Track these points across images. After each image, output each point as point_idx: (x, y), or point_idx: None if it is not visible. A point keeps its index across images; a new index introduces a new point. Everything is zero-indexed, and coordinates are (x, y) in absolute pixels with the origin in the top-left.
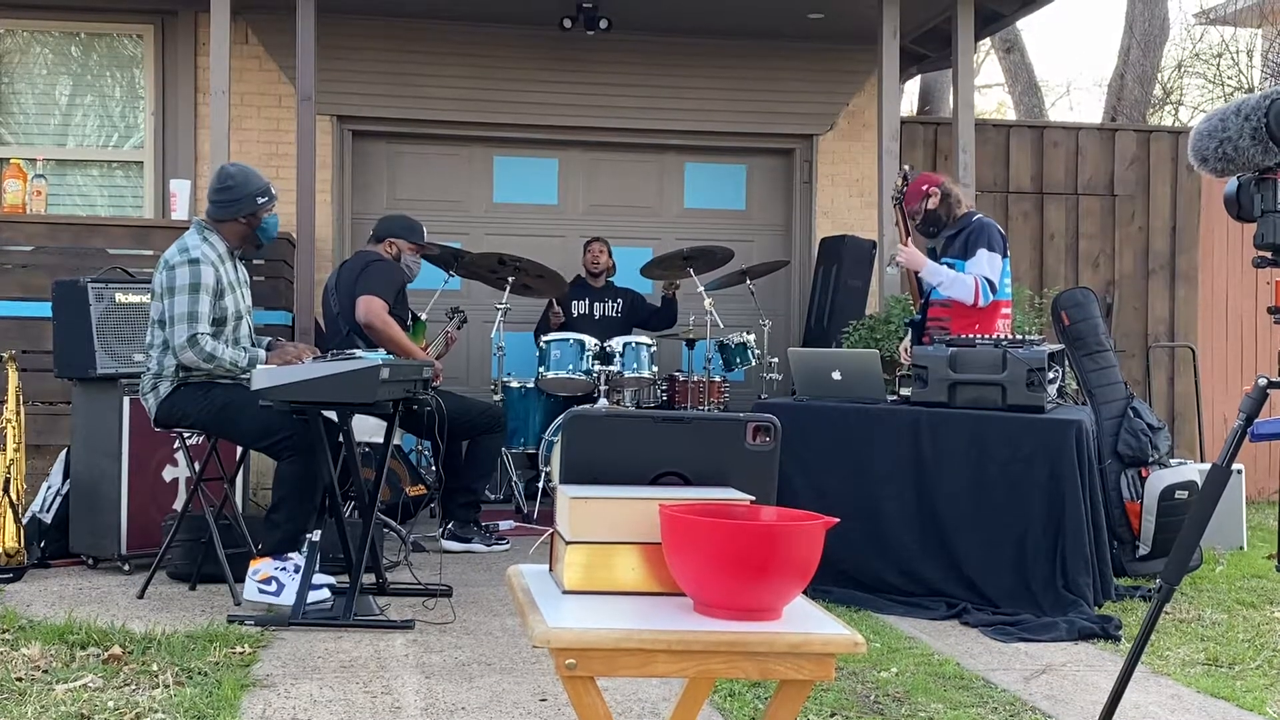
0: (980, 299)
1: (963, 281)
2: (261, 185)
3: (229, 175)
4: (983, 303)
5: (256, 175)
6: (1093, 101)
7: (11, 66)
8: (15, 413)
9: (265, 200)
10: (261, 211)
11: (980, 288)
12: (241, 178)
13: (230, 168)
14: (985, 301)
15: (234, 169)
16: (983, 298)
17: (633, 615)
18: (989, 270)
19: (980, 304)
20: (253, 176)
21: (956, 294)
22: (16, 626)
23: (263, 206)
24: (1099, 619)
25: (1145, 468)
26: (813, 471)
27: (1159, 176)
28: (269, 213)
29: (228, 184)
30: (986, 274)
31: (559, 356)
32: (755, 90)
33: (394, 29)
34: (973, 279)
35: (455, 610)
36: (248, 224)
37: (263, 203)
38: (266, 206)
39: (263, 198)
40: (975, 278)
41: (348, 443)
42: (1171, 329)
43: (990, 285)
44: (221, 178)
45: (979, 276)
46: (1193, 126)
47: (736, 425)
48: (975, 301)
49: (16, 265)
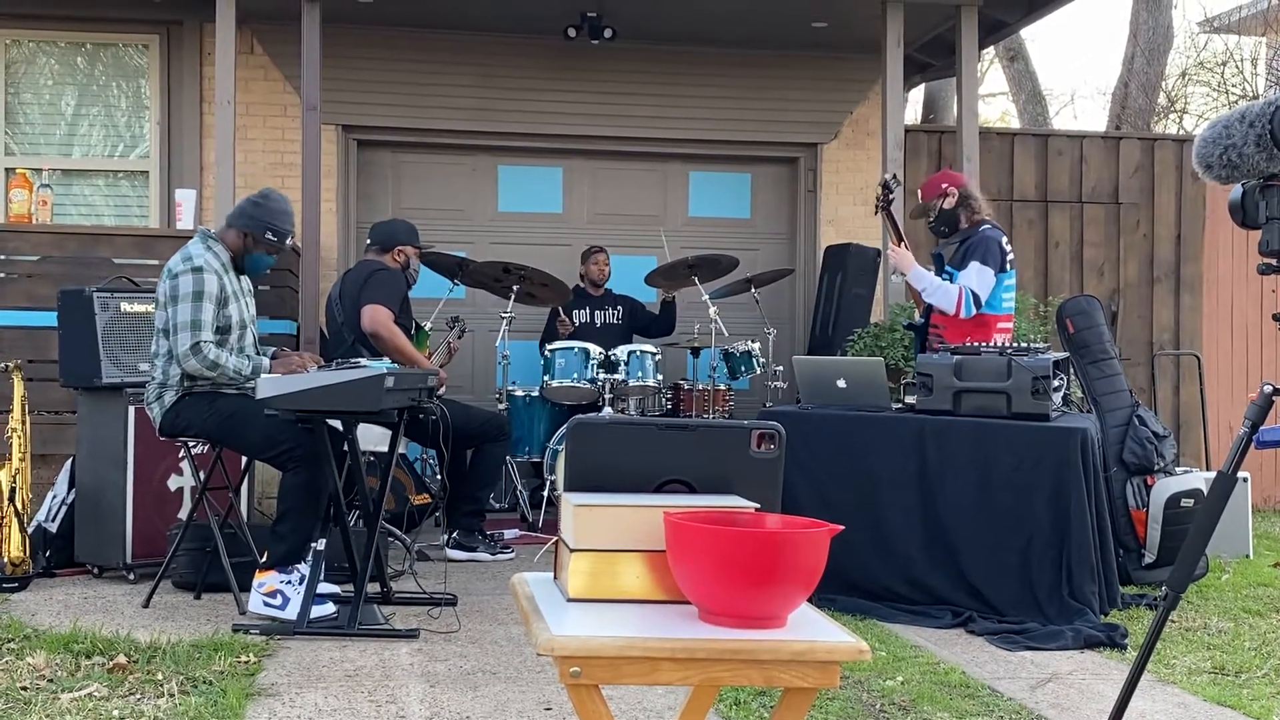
0: (962, 310)
1: (945, 290)
2: (279, 226)
3: (267, 196)
4: (964, 314)
5: (287, 216)
6: (1097, 110)
7: (18, 77)
8: (21, 422)
9: (272, 239)
10: (261, 245)
11: (964, 299)
12: (274, 206)
13: (275, 193)
14: (967, 314)
15: (277, 196)
16: (964, 309)
17: (637, 623)
18: (977, 284)
19: (961, 315)
20: (281, 214)
21: (938, 301)
22: (22, 636)
23: (266, 241)
24: (1105, 627)
25: (1151, 476)
26: (818, 479)
27: (1163, 185)
28: (266, 251)
29: (261, 201)
30: (974, 287)
31: (564, 365)
32: (759, 99)
33: (398, 38)
34: (957, 289)
35: (460, 619)
36: (244, 244)
37: (268, 239)
38: (267, 243)
39: (272, 235)
40: (961, 288)
41: (352, 452)
42: (1176, 337)
43: (975, 299)
44: (264, 194)
45: (965, 288)
46: (1197, 134)
47: (741, 433)
48: (956, 312)
49: (22, 275)
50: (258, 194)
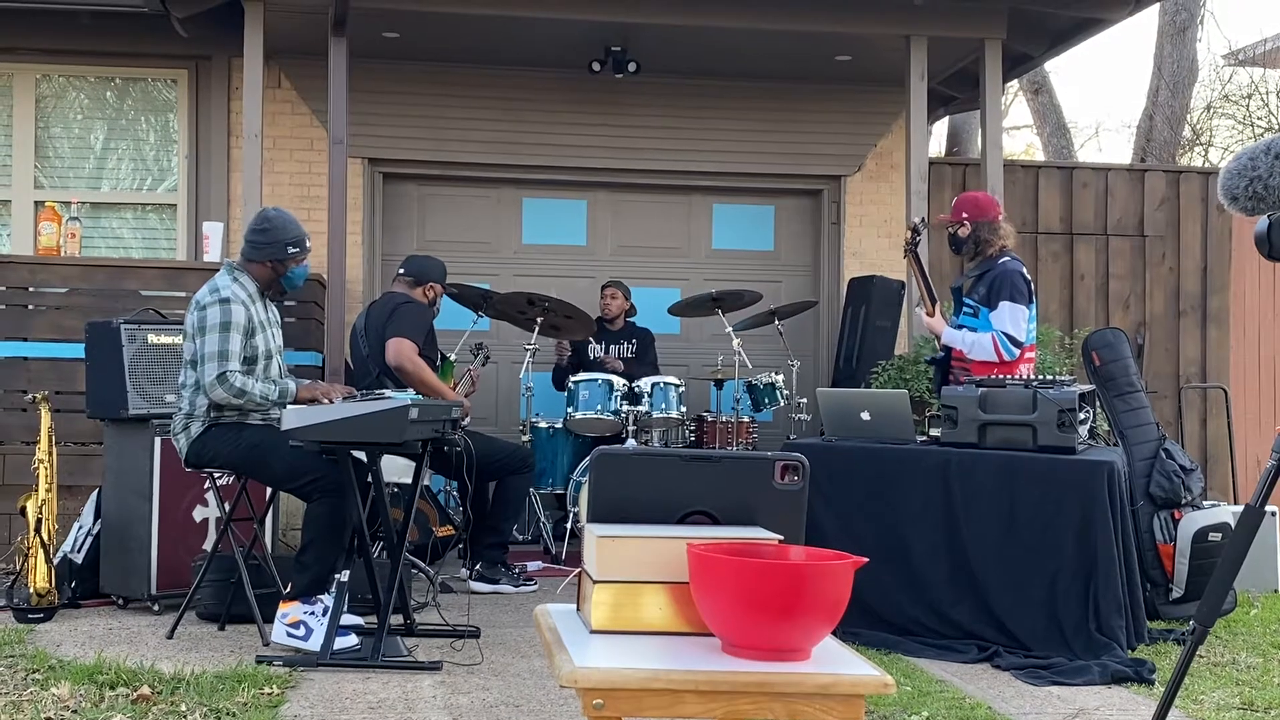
0: (1003, 355)
1: (981, 344)
2: (295, 235)
3: (267, 219)
4: (1006, 358)
5: (294, 225)
6: (1121, 143)
7: (48, 111)
8: (47, 453)
9: (295, 251)
10: (290, 261)
11: (1000, 345)
12: (279, 223)
13: (270, 212)
14: (1009, 357)
15: (274, 214)
16: (1005, 354)
17: (660, 655)
18: (1010, 324)
19: (1004, 359)
20: (290, 225)
21: (977, 356)
22: (47, 666)
23: (292, 256)
24: (1132, 662)
25: (1178, 509)
26: (842, 512)
27: (1189, 217)
28: (297, 263)
29: (264, 226)
30: (1008, 329)
31: (587, 397)
32: (783, 132)
33: (424, 73)
34: (990, 339)
35: (483, 651)
36: (274, 270)
37: (292, 253)
38: (296, 257)
39: (294, 248)
40: (993, 336)
41: (376, 483)
42: (1203, 370)
43: (1010, 340)
44: (259, 220)
45: (997, 334)
46: (1223, 166)
47: (764, 464)
48: (999, 359)
49: (51, 307)
50: (256, 222)
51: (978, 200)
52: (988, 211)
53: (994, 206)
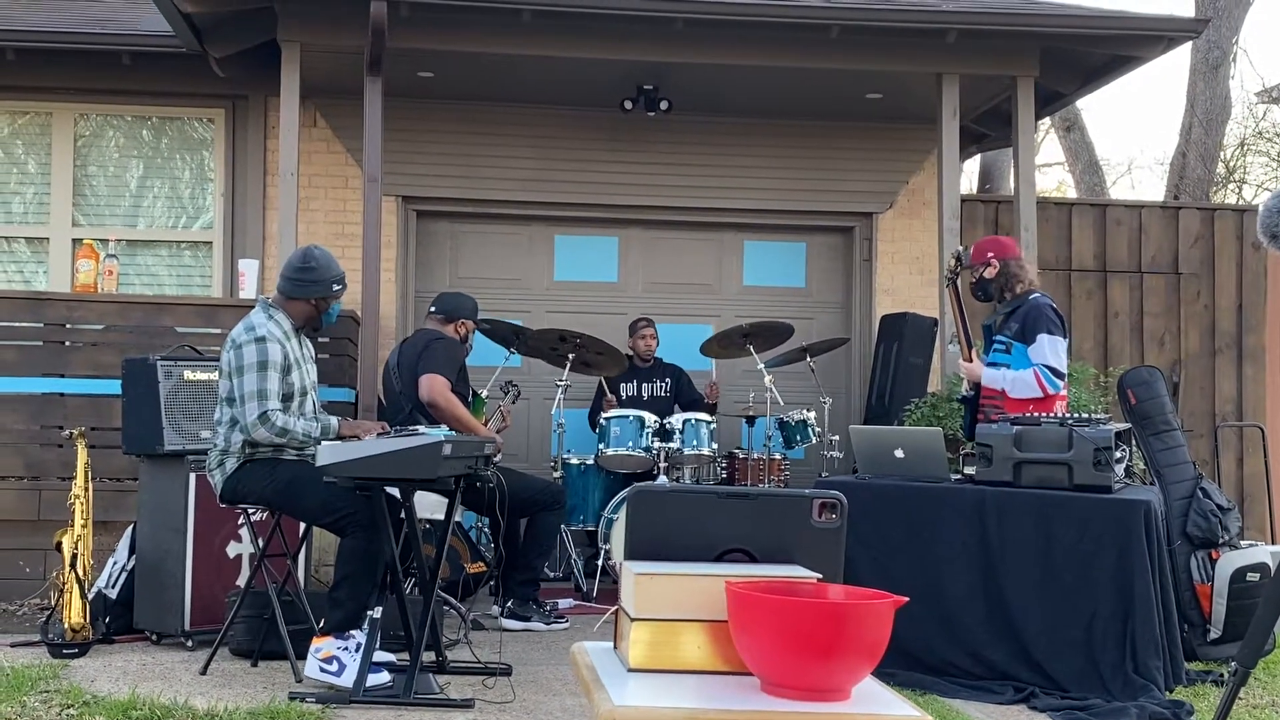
0: (1047, 389)
1: (1023, 380)
2: (339, 274)
3: (313, 257)
4: (1050, 391)
5: (336, 264)
6: (1154, 180)
7: (85, 150)
8: (83, 489)
9: (339, 289)
10: (331, 298)
11: (1043, 378)
12: (325, 262)
13: (316, 250)
14: (1054, 390)
15: (319, 253)
16: (1050, 386)
17: (699, 694)
18: (1051, 356)
19: (1049, 392)
20: (332, 263)
21: (1021, 394)
22: (81, 702)
23: (335, 294)
24: (1170, 704)
25: (1215, 549)
26: (876, 551)
27: (1224, 255)
28: (337, 300)
29: (310, 264)
30: (1049, 361)
31: (619, 434)
32: (814, 169)
33: (458, 112)
34: (1032, 373)
35: (515, 689)
36: (315, 307)
37: (336, 290)
38: (338, 294)
39: (337, 285)
40: (1035, 370)
41: (409, 519)
42: (1239, 408)
43: (1052, 372)
44: (306, 258)
45: (1039, 367)
46: (1258, 204)
47: (802, 502)
48: (1043, 393)
49: (88, 343)
50: (300, 260)
51: (999, 240)
52: (1010, 250)
53: (1015, 245)
